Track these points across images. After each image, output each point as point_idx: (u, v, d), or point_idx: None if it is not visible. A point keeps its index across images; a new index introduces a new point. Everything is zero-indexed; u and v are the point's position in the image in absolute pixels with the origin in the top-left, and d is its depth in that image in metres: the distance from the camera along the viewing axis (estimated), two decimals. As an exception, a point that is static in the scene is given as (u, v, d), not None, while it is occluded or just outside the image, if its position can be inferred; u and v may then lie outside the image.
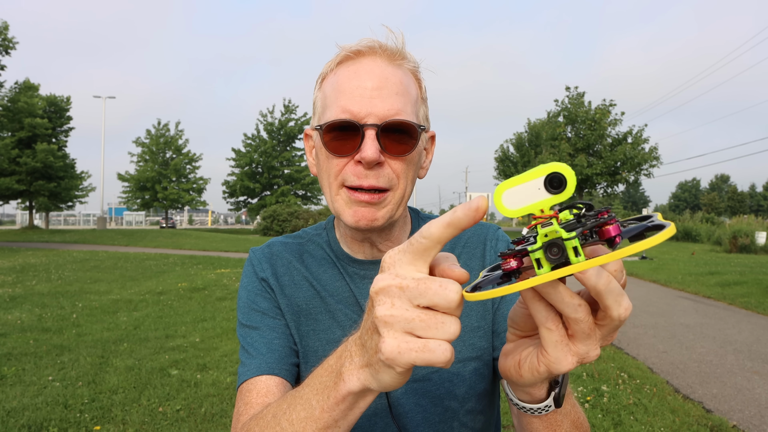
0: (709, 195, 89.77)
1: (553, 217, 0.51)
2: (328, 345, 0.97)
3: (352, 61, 0.92)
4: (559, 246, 0.49)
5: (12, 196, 34.15)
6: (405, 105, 0.89)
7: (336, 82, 0.91)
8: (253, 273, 1.04)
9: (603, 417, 4.13)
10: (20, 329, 6.78)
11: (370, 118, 0.86)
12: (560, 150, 27.21)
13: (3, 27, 27.36)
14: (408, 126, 0.88)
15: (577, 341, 0.55)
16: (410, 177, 0.93)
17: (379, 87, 0.87)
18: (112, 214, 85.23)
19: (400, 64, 0.93)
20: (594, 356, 0.56)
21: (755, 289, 10.10)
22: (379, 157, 0.86)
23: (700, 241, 30.66)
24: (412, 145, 0.89)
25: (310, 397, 0.64)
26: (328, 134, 0.89)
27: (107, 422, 3.93)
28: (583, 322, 0.54)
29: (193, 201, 46.38)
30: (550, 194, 0.50)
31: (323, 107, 0.94)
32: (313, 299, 1.01)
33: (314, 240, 1.08)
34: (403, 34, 0.95)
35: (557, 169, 0.49)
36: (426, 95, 0.99)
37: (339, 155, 0.89)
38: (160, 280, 11.61)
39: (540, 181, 0.50)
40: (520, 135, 46.16)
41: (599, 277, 0.50)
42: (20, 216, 67.79)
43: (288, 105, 44.17)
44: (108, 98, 41.93)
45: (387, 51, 0.92)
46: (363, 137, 0.86)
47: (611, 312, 0.52)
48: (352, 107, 0.87)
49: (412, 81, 0.94)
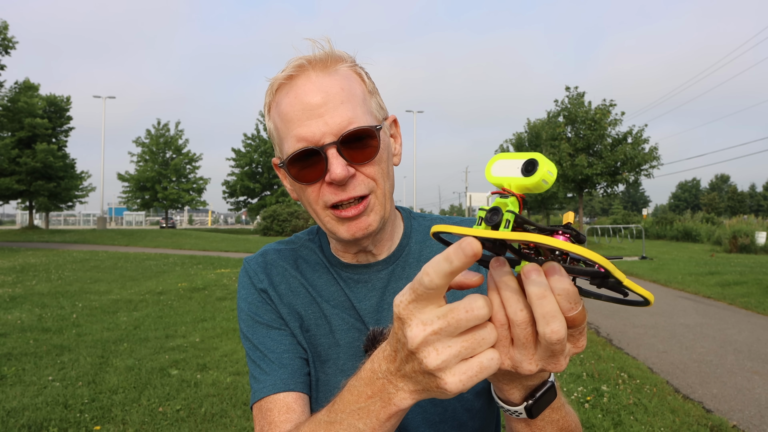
0: (709, 195, 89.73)
1: (515, 195, 0.56)
2: (328, 349, 0.98)
3: (288, 86, 0.90)
4: (498, 213, 0.54)
5: (12, 196, 34.13)
6: (354, 110, 0.88)
7: (280, 111, 0.90)
8: (251, 284, 1.04)
9: (603, 417, 4.13)
10: (20, 329, 6.78)
11: (326, 137, 0.85)
12: (560, 150, 27.17)
13: (3, 27, 27.33)
14: (365, 131, 0.87)
15: (515, 347, 0.57)
16: (386, 174, 0.93)
17: (323, 102, 0.86)
18: (112, 214, 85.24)
19: (335, 70, 0.91)
20: (527, 370, 0.57)
21: (755, 289, 10.09)
22: (347, 172, 0.86)
23: (700, 241, 30.66)
24: (375, 146, 0.89)
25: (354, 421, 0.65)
26: (293, 167, 0.89)
27: (107, 422, 3.93)
28: (520, 328, 0.55)
29: (193, 201, 46.37)
30: (521, 175, 0.55)
31: (279, 139, 0.93)
32: (310, 305, 1.01)
33: (307, 245, 1.08)
34: (329, 39, 0.93)
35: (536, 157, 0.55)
36: (372, 85, 0.97)
37: (310, 183, 0.89)
38: (160, 280, 11.61)
39: (521, 162, 0.56)
40: (519, 135, 46.14)
41: (536, 285, 0.52)
42: (20, 216, 67.82)
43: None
44: (108, 98, 41.92)
45: (317, 63, 0.90)
46: (326, 158, 0.86)
47: (538, 327, 0.53)
48: (305, 133, 0.86)
49: (354, 80, 0.92)
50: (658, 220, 41.18)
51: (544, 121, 32.41)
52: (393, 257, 1.02)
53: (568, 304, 0.53)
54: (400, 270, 1.02)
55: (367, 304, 0.99)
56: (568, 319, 0.54)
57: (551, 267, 0.53)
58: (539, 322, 0.53)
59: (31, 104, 32.67)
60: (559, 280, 0.52)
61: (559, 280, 0.52)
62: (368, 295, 1.00)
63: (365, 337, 0.97)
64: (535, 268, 0.53)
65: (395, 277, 1.01)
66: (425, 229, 1.08)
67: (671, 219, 39.85)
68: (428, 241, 1.06)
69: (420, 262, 1.03)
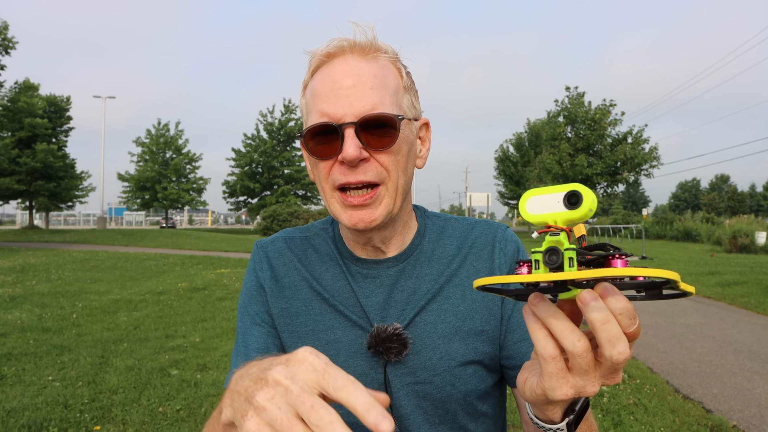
0: (709, 195, 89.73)
1: (564, 230, 0.54)
2: (328, 345, 0.97)
3: (326, 64, 0.91)
4: (558, 253, 0.52)
5: (12, 196, 34.13)
6: (382, 98, 0.87)
7: (313, 87, 0.92)
8: (253, 271, 1.06)
9: (603, 417, 4.13)
10: (20, 329, 6.77)
11: (347, 117, 0.86)
12: (560, 150, 27.18)
13: (3, 27, 27.32)
14: (386, 118, 0.86)
15: (575, 374, 0.56)
16: (401, 168, 0.91)
17: (353, 84, 0.87)
18: (112, 214, 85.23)
19: (374, 57, 0.91)
20: (591, 392, 0.56)
21: (755, 289, 10.09)
22: (360, 153, 0.85)
23: (700, 241, 30.65)
24: (394, 136, 0.88)
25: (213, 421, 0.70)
26: (311, 140, 0.89)
27: (107, 422, 3.93)
28: (581, 357, 0.54)
29: (193, 201, 46.36)
30: (566, 209, 0.54)
31: (306, 114, 0.94)
32: (312, 300, 1.00)
33: (320, 234, 1.08)
34: (373, 27, 0.93)
35: (578, 188, 0.54)
36: (410, 83, 0.97)
37: (323, 158, 0.89)
38: (160, 280, 11.61)
39: (561, 196, 0.55)
40: (519, 135, 46.14)
41: (597, 311, 0.51)
42: (20, 216, 67.81)
43: (288, 105, 44.16)
44: (108, 98, 41.90)
45: (357, 47, 0.91)
46: (343, 137, 0.86)
47: (603, 351, 0.53)
48: (329, 110, 0.87)
49: (391, 71, 0.92)
50: (658, 220, 41.17)
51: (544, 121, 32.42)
52: (404, 255, 1.01)
53: (628, 321, 0.52)
54: (410, 268, 1.00)
55: (373, 301, 0.98)
56: (628, 335, 0.53)
57: (605, 289, 0.52)
58: (605, 346, 0.52)
59: (31, 104, 32.67)
60: (617, 300, 0.52)
61: (617, 300, 0.52)
62: (375, 291, 0.99)
63: (369, 334, 0.96)
64: (592, 295, 0.52)
65: (405, 275, 1.00)
66: (438, 228, 1.06)
67: (671, 219, 39.84)
68: (441, 241, 1.04)
69: (432, 261, 1.01)
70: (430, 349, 0.95)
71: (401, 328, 0.94)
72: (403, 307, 0.97)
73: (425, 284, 0.99)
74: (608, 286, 0.52)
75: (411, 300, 0.98)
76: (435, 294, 0.98)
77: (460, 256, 1.02)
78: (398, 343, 0.93)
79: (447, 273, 1.00)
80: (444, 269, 1.00)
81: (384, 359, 0.94)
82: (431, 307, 0.97)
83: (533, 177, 32.46)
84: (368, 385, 0.95)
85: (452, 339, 0.96)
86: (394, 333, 0.93)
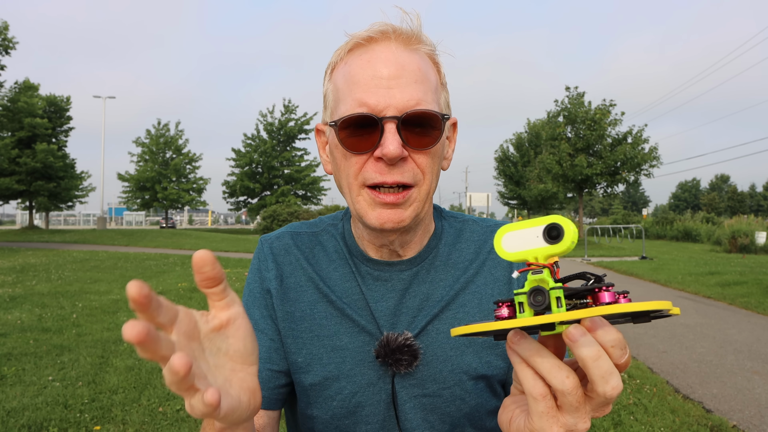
0: (709, 195, 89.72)
1: (546, 267, 0.51)
2: (334, 352, 0.91)
3: (364, 48, 0.83)
4: (543, 293, 0.49)
5: (12, 196, 34.12)
6: (425, 93, 0.81)
7: (348, 72, 0.83)
8: (257, 271, 0.98)
9: (603, 417, 4.12)
10: (20, 329, 6.77)
11: (389, 110, 0.79)
12: (560, 150, 27.19)
13: (3, 27, 27.31)
14: (430, 116, 0.80)
15: (565, 413, 0.54)
16: (435, 171, 0.86)
17: (396, 75, 0.80)
18: (112, 214, 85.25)
19: (416, 49, 0.84)
20: (583, 429, 0.54)
21: (755, 289, 10.09)
22: (402, 152, 0.79)
23: (700, 241, 30.66)
24: (436, 136, 0.82)
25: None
26: (344, 130, 0.81)
27: (107, 422, 3.93)
28: (571, 395, 0.52)
29: (193, 201, 46.36)
30: (546, 243, 0.51)
31: (336, 101, 0.86)
32: (318, 303, 0.94)
33: (329, 230, 1.01)
34: (419, 16, 0.86)
35: (557, 221, 0.50)
36: (445, 80, 0.91)
37: (357, 152, 0.82)
38: (160, 280, 11.61)
39: (540, 230, 0.51)
40: (519, 135, 46.14)
41: (587, 347, 0.49)
42: (20, 216, 67.80)
43: (288, 105, 44.15)
44: (108, 98, 41.91)
45: (402, 35, 0.84)
46: (382, 131, 0.79)
47: (596, 387, 0.51)
48: (368, 99, 0.79)
49: (431, 66, 0.86)
50: (658, 220, 41.21)
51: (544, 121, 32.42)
52: (419, 258, 0.94)
53: (620, 352, 0.50)
54: (424, 273, 0.94)
55: (383, 306, 0.92)
56: (619, 366, 0.51)
57: (593, 322, 0.49)
58: (598, 383, 0.50)
59: (31, 104, 32.66)
60: (607, 333, 0.50)
61: (606, 332, 0.50)
62: (386, 295, 0.92)
63: (377, 341, 0.89)
64: (580, 330, 0.49)
65: (418, 280, 0.93)
66: (456, 231, 0.99)
67: (671, 219, 39.89)
68: (458, 244, 0.98)
69: (447, 266, 0.95)
70: (442, 361, 0.90)
71: (412, 338, 0.88)
72: (414, 314, 0.91)
73: (439, 290, 0.93)
74: (596, 319, 0.50)
75: (424, 307, 0.92)
76: (449, 301, 0.92)
77: (477, 261, 0.96)
78: (409, 354, 0.87)
79: (463, 279, 0.94)
80: (460, 275, 0.94)
81: (393, 370, 0.88)
82: (445, 315, 0.91)
83: (533, 177, 32.47)
84: (374, 395, 0.90)
85: (465, 351, 0.90)
86: (404, 343, 0.87)
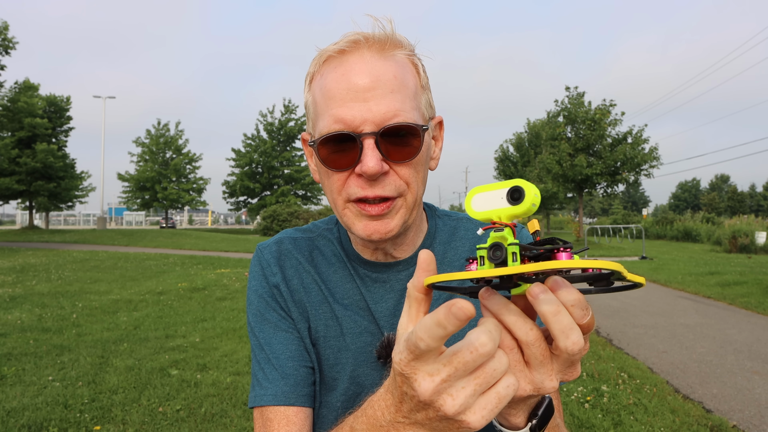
0: (709, 195, 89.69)
1: (508, 225, 0.55)
2: (340, 353, 0.92)
3: (339, 60, 0.82)
4: (501, 248, 0.53)
5: (12, 196, 34.13)
6: (403, 103, 0.80)
7: (324, 86, 0.82)
8: (262, 276, 0.97)
9: (603, 417, 4.13)
10: (20, 329, 6.77)
11: (367, 125, 0.78)
12: (560, 150, 27.21)
13: (3, 27, 27.30)
14: (409, 128, 0.79)
15: (532, 368, 0.56)
16: (420, 178, 0.86)
17: (372, 87, 0.78)
18: (112, 214, 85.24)
19: (392, 55, 0.83)
20: (550, 387, 0.56)
21: (755, 289, 10.09)
22: (381, 167, 0.78)
23: (700, 241, 30.65)
24: (417, 146, 0.81)
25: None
26: (324, 148, 0.81)
27: (107, 422, 3.93)
28: (534, 347, 0.55)
29: (193, 201, 46.38)
30: (509, 204, 0.55)
31: (315, 114, 0.85)
32: (322, 304, 0.95)
33: (325, 235, 1.01)
34: (391, 20, 0.84)
35: (520, 183, 0.55)
36: (426, 80, 0.89)
37: (338, 170, 0.82)
38: (160, 280, 11.61)
39: (504, 192, 0.55)
40: (519, 135, 46.13)
41: (547, 303, 0.52)
42: (20, 216, 67.78)
43: (288, 105, 44.17)
44: (108, 98, 41.92)
45: (375, 42, 0.82)
46: (362, 148, 0.78)
47: (558, 342, 0.53)
48: (344, 115, 0.78)
49: (409, 70, 0.84)
50: (658, 220, 41.21)
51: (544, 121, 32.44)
52: (415, 257, 0.94)
53: (581, 312, 0.53)
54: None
55: (383, 306, 0.93)
56: (582, 326, 0.54)
57: (555, 282, 0.53)
58: (559, 337, 0.52)
59: (31, 104, 32.66)
60: (568, 292, 0.52)
61: (568, 292, 0.52)
62: (386, 296, 0.93)
63: (379, 342, 0.90)
64: (541, 288, 0.52)
65: None
66: (450, 229, 1.01)
67: (671, 219, 39.88)
68: (453, 242, 0.99)
69: (443, 264, 0.96)
70: None
71: None
72: None
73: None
74: (558, 279, 0.52)
75: None
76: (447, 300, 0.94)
77: None
78: None
79: None
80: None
81: None
82: None
83: (533, 177, 32.46)
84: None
85: None
86: None
